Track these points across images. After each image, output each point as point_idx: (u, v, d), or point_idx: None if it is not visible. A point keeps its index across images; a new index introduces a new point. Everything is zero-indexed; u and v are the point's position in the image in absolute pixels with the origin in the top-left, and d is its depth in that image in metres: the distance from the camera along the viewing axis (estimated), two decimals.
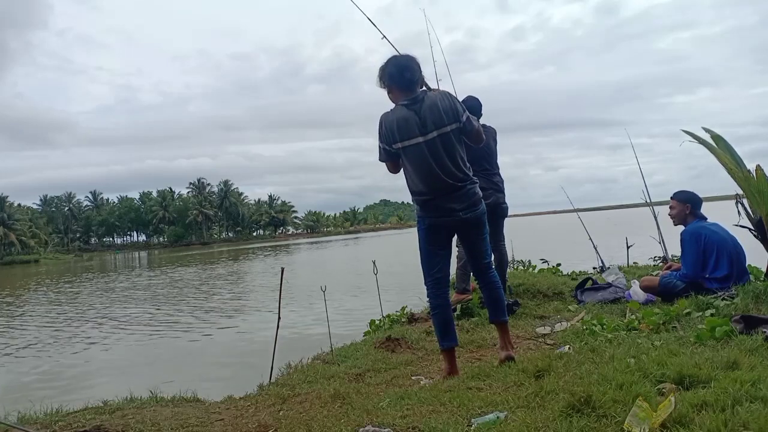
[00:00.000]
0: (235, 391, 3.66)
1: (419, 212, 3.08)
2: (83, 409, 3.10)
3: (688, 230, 4.46)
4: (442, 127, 2.90)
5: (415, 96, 2.93)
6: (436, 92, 3.05)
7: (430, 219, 3.04)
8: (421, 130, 2.89)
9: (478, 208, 3.04)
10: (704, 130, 4.41)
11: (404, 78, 2.94)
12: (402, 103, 2.95)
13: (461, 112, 2.97)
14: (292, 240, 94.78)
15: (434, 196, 2.98)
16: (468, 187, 3.01)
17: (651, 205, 7.19)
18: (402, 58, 3.02)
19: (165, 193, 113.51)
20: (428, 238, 3.08)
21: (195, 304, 14.66)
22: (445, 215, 2.99)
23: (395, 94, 3.00)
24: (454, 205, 2.97)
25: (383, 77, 3.01)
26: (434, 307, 3.15)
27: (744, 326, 2.95)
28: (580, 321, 4.20)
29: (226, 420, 2.90)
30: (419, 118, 2.89)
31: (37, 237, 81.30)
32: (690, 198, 4.58)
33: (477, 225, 3.08)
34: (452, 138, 2.94)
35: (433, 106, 2.91)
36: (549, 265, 7.88)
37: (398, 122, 2.92)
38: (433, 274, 3.10)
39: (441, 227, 3.05)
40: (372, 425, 2.37)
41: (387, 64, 3.01)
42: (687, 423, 1.85)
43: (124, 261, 57.65)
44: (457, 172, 2.96)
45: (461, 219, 3.00)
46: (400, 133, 2.92)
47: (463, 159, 3.02)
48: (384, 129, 2.99)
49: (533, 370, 2.79)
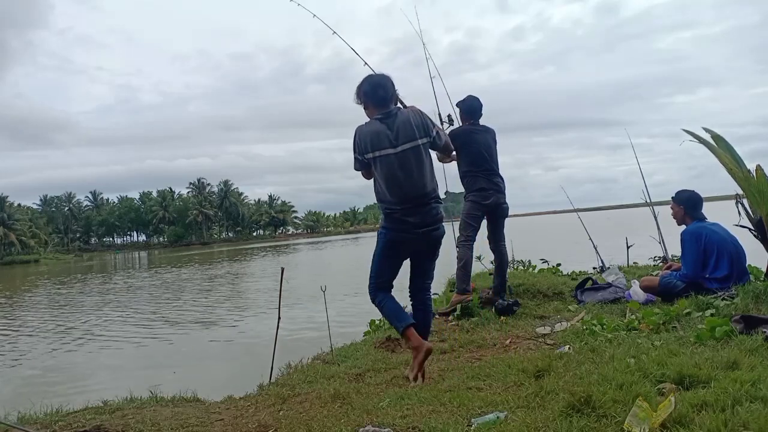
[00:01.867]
0: (235, 391, 3.66)
1: (383, 222, 3.21)
2: (83, 409, 3.10)
3: (689, 230, 4.47)
4: (412, 141, 3.07)
5: (388, 111, 3.12)
6: (409, 109, 3.24)
7: (391, 233, 3.17)
8: (393, 143, 3.06)
9: (438, 228, 3.19)
10: (704, 130, 4.41)
11: (377, 95, 3.13)
12: (376, 118, 3.13)
13: (431, 127, 3.18)
14: (292, 240, 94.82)
15: (400, 207, 3.10)
16: (433, 205, 3.16)
17: (651, 205, 7.20)
18: (376, 77, 3.22)
19: (165, 193, 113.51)
20: (384, 251, 3.22)
21: (195, 304, 14.66)
22: (406, 231, 3.13)
23: (370, 110, 3.19)
24: (416, 219, 3.10)
25: (359, 94, 3.20)
26: (380, 300, 3.22)
27: (744, 326, 2.96)
28: (580, 321, 4.20)
29: (226, 420, 2.90)
30: (391, 131, 3.07)
31: (37, 237, 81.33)
32: (685, 199, 4.58)
33: (433, 245, 3.24)
34: (422, 151, 3.11)
35: (405, 121, 3.09)
36: (549, 265, 7.88)
37: (371, 134, 3.10)
38: (379, 282, 3.24)
39: (400, 243, 3.18)
40: (372, 425, 2.37)
41: (363, 82, 3.20)
42: (687, 423, 1.85)
43: (124, 261, 57.67)
44: (425, 185, 3.12)
45: (421, 235, 3.13)
46: (372, 144, 3.09)
47: (431, 173, 3.18)
48: (358, 140, 3.16)
49: (533, 370, 2.80)
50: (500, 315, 4.70)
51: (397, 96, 3.24)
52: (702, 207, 4.60)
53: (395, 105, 3.20)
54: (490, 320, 4.61)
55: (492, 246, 5.07)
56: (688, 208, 4.56)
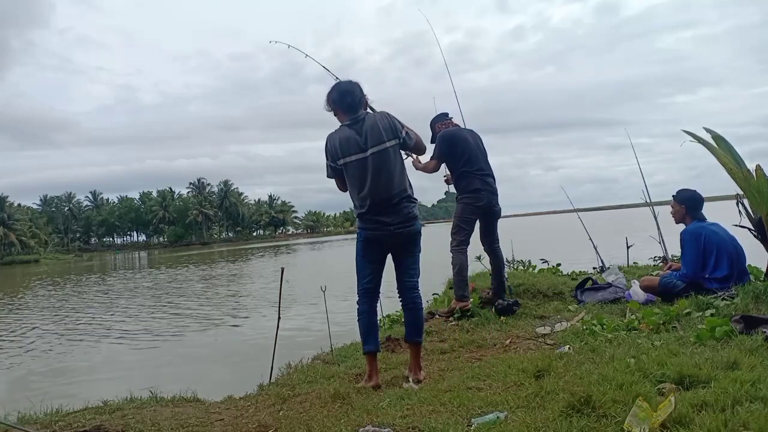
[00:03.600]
0: (235, 391, 3.66)
1: (358, 224, 3.32)
2: (83, 409, 3.10)
3: (688, 230, 4.46)
4: (381, 144, 3.16)
5: (356, 116, 3.20)
6: (377, 113, 3.31)
7: (366, 232, 3.26)
8: (362, 147, 3.15)
9: (411, 225, 3.25)
10: (705, 130, 4.41)
11: (345, 101, 3.20)
12: (345, 124, 3.22)
13: (400, 128, 3.25)
14: (292, 240, 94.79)
15: (371, 208, 3.19)
16: (404, 204, 3.22)
17: (651, 205, 7.19)
18: (344, 84, 3.29)
19: (165, 193, 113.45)
20: (363, 251, 3.30)
21: (195, 304, 14.66)
22: (378, 229, 3.21)
23: (340, 116, 3.27)
24: (388, 219, 3.18)
25: (329, 101, 3.27)
26: (360, 312, 3.33)
27: (744, 326, 2.96)
28: (580, 321, 4.20)
29: (226, 420, 2.90)
30: (360, 136, 3.16)
31: (37, 237, 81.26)
32: (687, 199, 4.57)
33: (409, 242, 3.29)
34: (391, 153, 3.20)
35: (373, 125, 3.18)
36: (549, 265, 7.88)
37: (341, 140, 3.18)
38: (364, 284, 3.32)
39: (375, 241, 3.26)
40: (372, 425, 2.37)
41: (332, 89, 3.27)
42: (687, 423, 1.85)
43: (124, 261, 57.64)
44: (396, 186, 3.19)
45: (393, 233, 3.20)
46: (343, 150, 3.17)
47: (402, 174, 3.25)
48: (329, 147, 3.24)
49: (533, 370, 2.79)
50: (500, 315, 4.70)
51: (366, 101, 3.32)
52: (702, 207, 4.59)
53: (364, 110, 3.28)
54: (490, 320, 4.60)
55: (486, 248, 5.02)
56: (689, 207, 4.55)
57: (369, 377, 3.25)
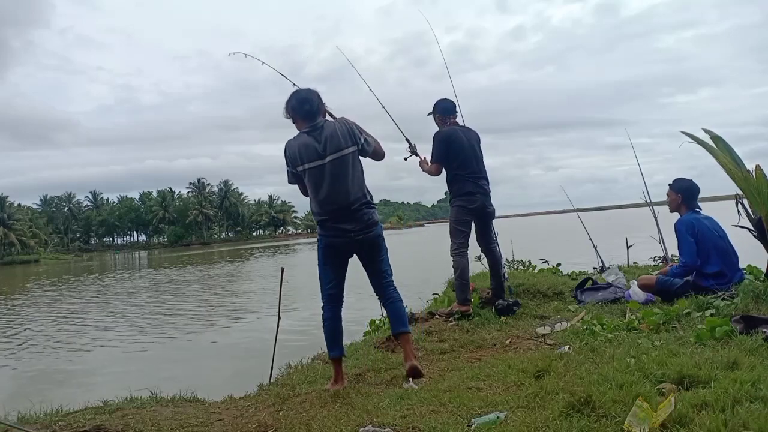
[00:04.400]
0: (235, 391, 3.66)
1: (318, 231, 3.35)
2: (83, 409, 3.10)
3: (682, 220, 4.49)
4: (340, 150, 3.18)
5: (315, 124, 3.22)
6: (336, 120, 3.35)
7: (326, 239, 3.31)
8: (321, 154, 3.17)
9: (371, 230, 3.29)
10: (704, 130, 4.41)
11: (303, 109, 3.24)
12: (304, 131, 3.25)
13: (358, 135, 3.27)
14: (292, 240, 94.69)
15: (330, 215, 3.23)
16: (363, 210, 3.25)
17: (651, 205, 7.19)
18: (302, 92, 3.32)
19: (165, 193, 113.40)
20: (324, 258, 3.35)
21: (194, 304, 14.66)
22: (339, 236, 3.25)
23: (299, 123, 3.29)
24: (348, 226, 3.22)
25: (288, 109, 3.31)
26: (324, 319, 3.37)
27: (744, 326, 2.96)
28: (580, 321, 4.20)
29: (226, 420, 2.91)
30: (319, 143, 3.18)
31: (37, 237, 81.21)
32: (684, 188, 4.60)
33: (372, 247, 3.33)
34: (350, 160, 3.22)
35: (332, 132, 3.21)
36: (549, 265, 7.88)
37: (299, 147, 3.21)
38: (327, 290, 3.36)
39: (336, 247, 3.30)
40: (372, 425, 2.37)
41: (290, 97, 3.31)
42: (687, 423, 1.85)
43: (124, 261, 57.63)
44: (354, 192, 3.23)
45: (354, 240, 3.24)
46: (302, 157, 3.20)
47: (361, 180, 3.29)
48: (288, 153, 3.27)
49: (533, 370, 2.80)
50: (500, 315, 4.70)
51: (325, 108, 3.36)
52: (698, 198, 4.61)
53: (323, 117, 3.32)
54: (490, 320, 4.60)
55: (483, 248, 5.01)
56: (685, 197, 4.57)
57: (335, 381, 3.30)
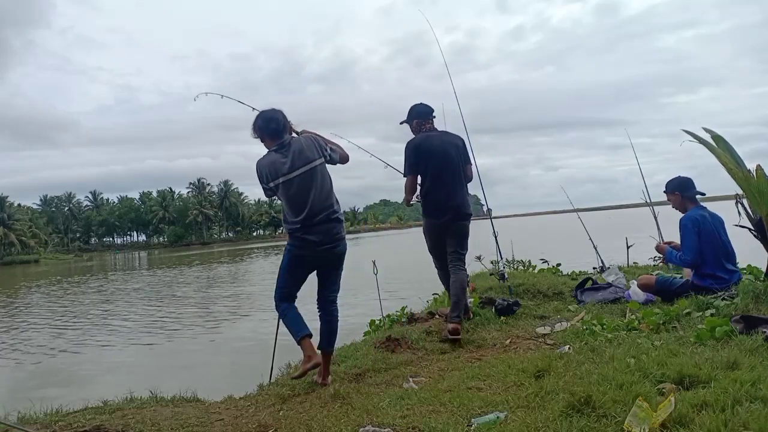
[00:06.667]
0: (235, 391, 3.66)
1: (288, 240, 3.46)
2: (83, 409, 3.10)
3: (688, 216, 4.47)
4: (307, 165, 3.32)
5: (282, 141, 3.36)
6: (301, 136, 3.48)
7: (295, 249, 3.42)
8: (288, 170, 3.31)
9: (337, 245, 3.43)
10: (704, 130, 4.41)
11: (270, 128, 3.38)
12: (272, 149, 3.38)
13: (324, 146, 3.44)
14: None
15: (300, 227, 3.33)
16: (332, 224, 3.39)
17: (651, 205, 7.19)
18: (268, 112, 3.44)
19: (165, 193, 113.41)
20: (289, 266, 3.47)
21: (195, 304, 14.66)
22: (305, 248, 3.37)
23: (267, 142, 3.43)
24: (315, 238, 3.33)
25: (255, 129, 3.45)
26: (283, 310, 3.49)
27: (744, 326, 2.96)
28: (580, 321, 4.20)
29: (226, 420, 2.91)
30: (286, 159, 3.32)
31: (37, 237, 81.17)
32: (676, 186, 4.60)
33: (333, 261, 3.49)
34: (318, 173, 3.35)
35: (299, 147, 3.35)
36: (549, 265, 7.88)
37: (268, 165, 3.35)
38: (281, 288, 3.50)
39: (301, 258, 3.43)
40: (372, 425, 2.37)
41: (257, 118, 3.45)
42: (687, 423, 1.85)
43: (124, 261, 57.63)
44: (322, 203, 3.35)
45: (318, 253, 3.38)
46: (271, 174, 3.34)
47: (329, 191, 3.41)
48: (259, 172, 3.40)
49: (533, 370, 2.80)
50: (500, 315, 4.70)
51: (291, 126, 3.47)
52: (694, 186, 4.60)
53: (289, 135, 3.44)
54: (490, 320, 4.60)
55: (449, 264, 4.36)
56: (682, 192, 4.57)
57: (308, 359, 3.33)
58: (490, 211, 6.46)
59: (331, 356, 3.59)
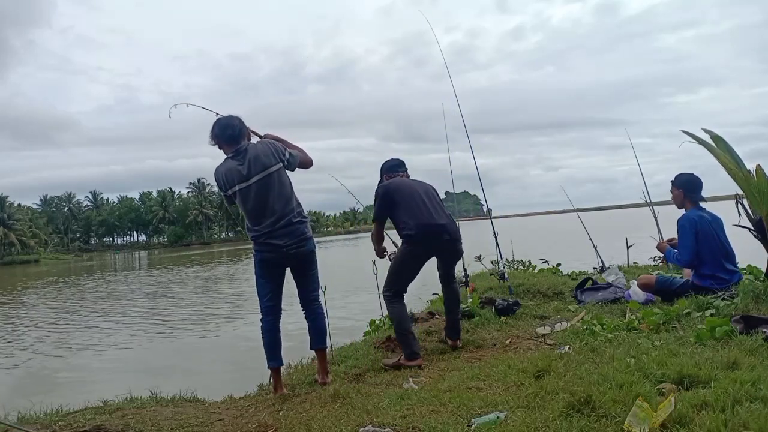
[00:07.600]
0: (235, 391, 3.67)
1: (253, 246, 3.43)
2: (83, 409, 3.10)
3: (687, 216, 4.46)
4: (264, 170, 3.29)
5: (239, 148, 3.34)
6: (259, 142, 3.46)
7: (261, 254, 3.40)
8: (245, 176, 3.28)
9: (304, 245, 3.40)
10: (704, 130, 4.40)
11: (226, 134, 3.37)
12: (229, 156, 3.36)
13: (282, 151, 3.39)
14: None
15: (263, 232, 3.32)
16: (296, 226, 3.36)
17: (651, 205, 7.19)
18: (224, 119, 3.43)
19: (165, 193, 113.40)
20: (260, 271, 3.44)
21: (195, 304, 14.66)
22: (272, 251, 3.35)
23: (224, 149, 3.41)
24: (280, 241, 3.31)
25: (212, 136, 3.42)
26: (264, 331, 3.45)
27: (744, 326, 2.96)
28: (580, 321, 4.20)
29: (226, 420, 2.91)
30: (243, 165, 3.29)
31: (37, 237, 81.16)
32: (685, 182, 4.55)
33: (304, 261, 3.46)
34: (276, 178, 3.32)
35: (255, 153, 3.32)
36: (549, 265, 7.88)
37: (226, 172, 3.33)
38: (265, 302, 3.45)
39: (270, 261, 3.40)
40: (372, 425, 2.37)
41: (213, 125, 3.43)
42: (687, 423, 1.85)
43: (124, 261, 57.64)
44: (282, 208, 3.32)
45: (287, 254, 3.35)
46: (229, 181, 3.32)
47: (289, 195, 3.38)
48: (217, 179, 3.40)
49: (533, 370, 2.80)
50: (500, 315, 4.70)
51: (249, 131, 3.46)
52: (701, 190, 4.57)
53: (248, 140, 3.42)
54: (490, 320, 4.60)
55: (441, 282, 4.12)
56: (687, 191, 4.54)
57: (275, 389, 3.39)
58: (490, 211, 6.48)
59: (325, 353, 3.58)
